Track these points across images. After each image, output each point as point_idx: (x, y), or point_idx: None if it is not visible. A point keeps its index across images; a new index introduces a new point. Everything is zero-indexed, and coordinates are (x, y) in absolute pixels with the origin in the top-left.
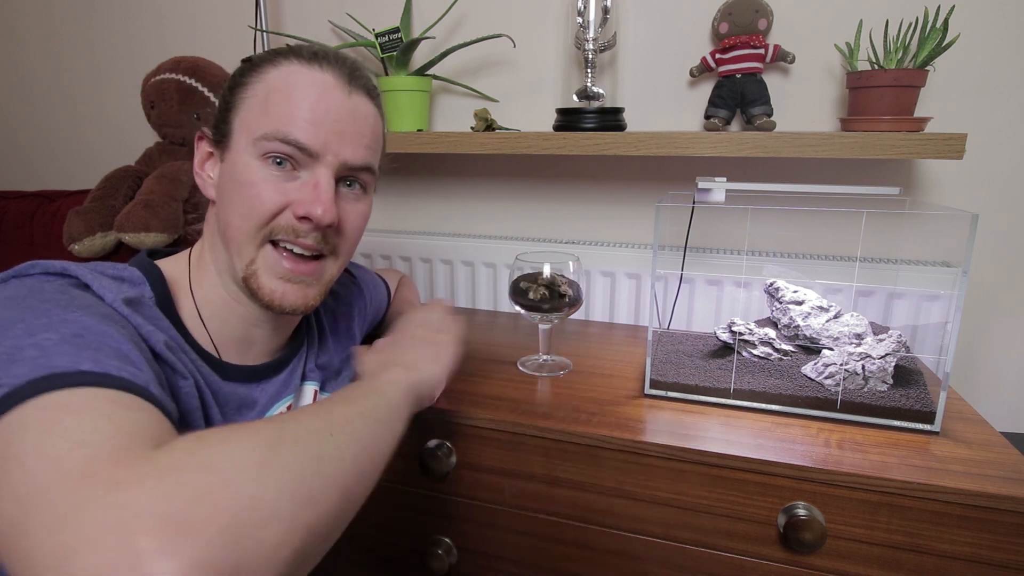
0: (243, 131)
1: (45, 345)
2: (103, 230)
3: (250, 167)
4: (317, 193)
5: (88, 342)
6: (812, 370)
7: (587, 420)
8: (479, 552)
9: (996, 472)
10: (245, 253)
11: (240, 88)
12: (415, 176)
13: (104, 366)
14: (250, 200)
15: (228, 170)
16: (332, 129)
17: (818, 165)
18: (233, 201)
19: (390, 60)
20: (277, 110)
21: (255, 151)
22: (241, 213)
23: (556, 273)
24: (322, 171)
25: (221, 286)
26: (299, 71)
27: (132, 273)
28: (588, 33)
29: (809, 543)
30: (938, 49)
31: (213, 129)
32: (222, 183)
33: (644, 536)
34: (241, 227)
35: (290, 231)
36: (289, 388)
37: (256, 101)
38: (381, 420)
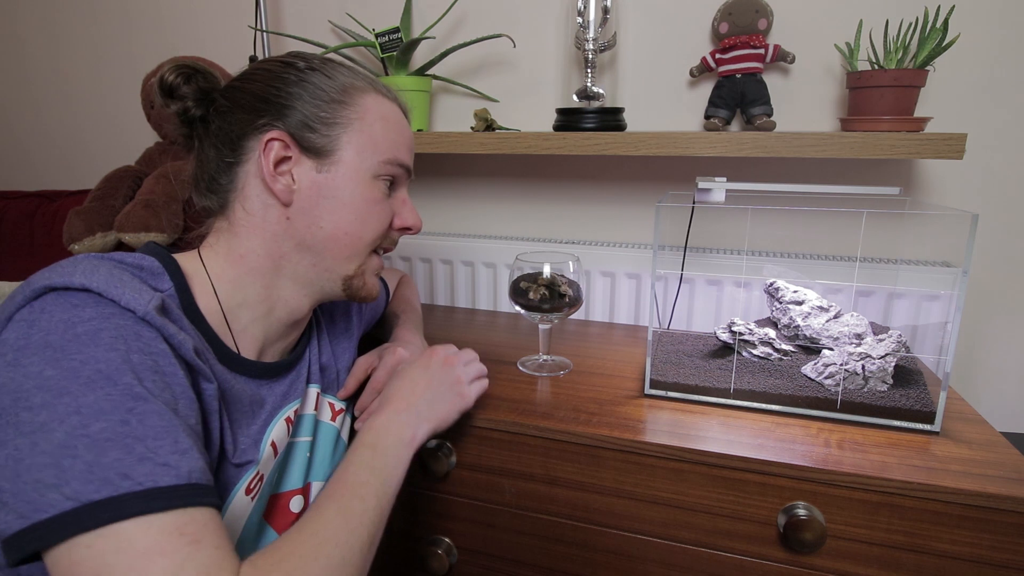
0: (357, 151)
1: (97, 440)
2: (103, 230)
3: (372, 186)
4: (410, 208)
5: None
6: (812, 370)
7: (587, 420)
8: (479, 552)
9: (996, 472)
10: (358, 258)
11: (340, 106)
12: (415, 176)
13: (157, 475)
14: (372, 215)
15: (338, 183)
16: (413, 153)
17: (818, 165)
18: (351, 212)
19: (390, 60)
20: (391, 138)
21: (374, 171)
22: (364, 226)
23: (556, 273)
24: (405, 188)
25: (264, 286)
26: (389, 105)
27: (151, 263)
28: (588, 33)
29: (809, 543)
30: (938, 49)
31: (300, 134)
32: (325, 193)
33: (644, 536)
34: (361, 237)
35: (392, 242)
36: (296, 390)
37: (367, 126)
38: (391, 480)
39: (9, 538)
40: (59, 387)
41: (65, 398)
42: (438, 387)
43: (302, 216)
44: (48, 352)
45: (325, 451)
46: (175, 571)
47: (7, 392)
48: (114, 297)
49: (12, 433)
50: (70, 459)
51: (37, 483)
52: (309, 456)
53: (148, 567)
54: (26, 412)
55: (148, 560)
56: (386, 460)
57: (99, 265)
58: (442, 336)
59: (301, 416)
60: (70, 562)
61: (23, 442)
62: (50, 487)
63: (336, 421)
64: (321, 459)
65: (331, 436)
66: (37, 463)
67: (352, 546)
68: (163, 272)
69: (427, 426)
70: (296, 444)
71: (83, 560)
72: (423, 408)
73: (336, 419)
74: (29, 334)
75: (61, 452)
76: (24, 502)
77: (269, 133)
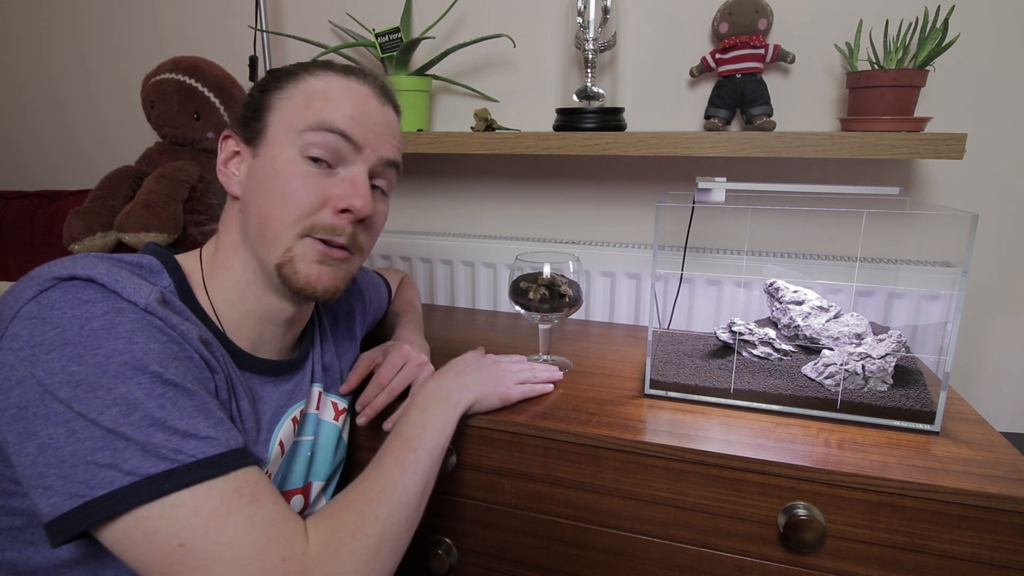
0: (283, 126)
1: (140, 426)
2: (103, 230)
3: (292, 161)
4: (355, 187)
5: (173, 415)
6: (812, 370)
7: (587, 420)
8: (479, 552)
9: (996, 472)
10: (282, 243)
11: (276, 91)
12: (415, 176)
13: (204, 447)
14: (291, 193)
15: (264, 165)
16: (370, 128)
17: (818, 165)
18: (273, 193)
19: (390, 60)
20: (320, 106)
21: (297, 144)
22: (281, 206)
23: (556, 273)
24: (359, 167)
25: (243, 283)
26: (337, 80)
27: (150, 261)
28: (588, 33)
29: (809, 543)
30: (938, 49)
31: (241, 127)
32: (255, 177)
33: (644, 536)
34: (280, 218)
35: (329, 230)
36: (302, 390)
37: (296, 101)
38: (439, 436)
39: (58, 518)
40: (89, 382)
41: (99, 392)
42: (484, 372)
43: (245, 206)
44: (68, 348)
45: (327, 450)
46: (247, 526)
47: (29, 386)
48: (118, 289)
49: (42, 424)
50: (122, 441)
51: (89, 464)
52: (311, 455)
53: (222, 526)
54: (55, 404)
55: (220, 520)
56: (434, 418)
57: (98, 262)
58: (443, 336)
59: (306, 415)
60: (143, 532)
61: (58, 431)
62: (105, 467)
63: (339, 421)
64: (323, 459)
65: (333, 435)
66: (85, 447)
67: (408, 490)
68: (162, 270)
69: (469, 395)
70: (300, 443)
71: (159, 528)
72: (468, 381)
73: (339, 419)
74: (43, 331)
75: (111, 437)
76: (76, 482)
77: (225, 131)
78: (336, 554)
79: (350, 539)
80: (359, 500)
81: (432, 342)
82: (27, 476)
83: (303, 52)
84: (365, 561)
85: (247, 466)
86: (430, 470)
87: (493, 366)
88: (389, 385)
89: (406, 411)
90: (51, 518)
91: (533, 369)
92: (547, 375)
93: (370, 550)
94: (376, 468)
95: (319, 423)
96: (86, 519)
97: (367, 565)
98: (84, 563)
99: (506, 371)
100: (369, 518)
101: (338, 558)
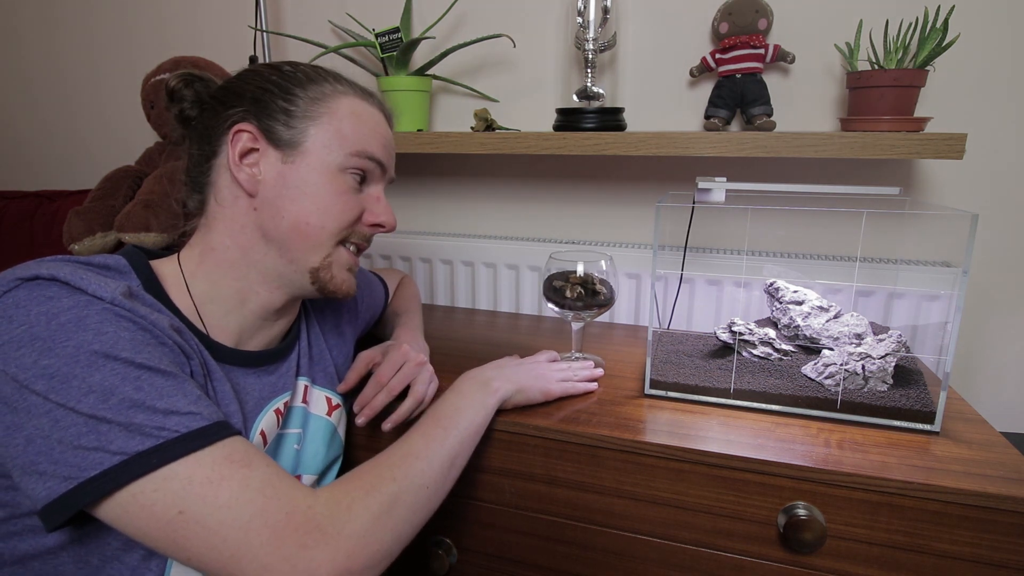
0: (324, 143)
1: (121, 409)
2: (103, 230)
3: (335, 177)
4: (383, 205)
5: (151, 395)
6: (812, 370)
7: (587, 420)
8: (479, 552)
9: (996, 472)
10: (323, 249)
11: (312, 102)
12: (415, 176)
13: (187, 422)
14: (335, 206)
15: (302, 174)
16: (389, 152)
17: (818, 165)
18: (314, 203)
19: (390, 60)
20: (361, 132)
21: (341, 163)
22: (326, 215)
23: (589, 273)
24: (380, 186)
25: (242, 277)
26: (363, 105)
27: (117, 261)
28: (588, 33)
29: (809, 543)
30: (938, 49)
31: (267, 126)
32: (290, 183)
33: (644, 536)
34: (325, 227)
35: (362, 238)
36: (286, 383)
37: (334, 119)
38: (474, 418)
39: (54, 502)
40: (63, 373)
41: (74, 382)
42: (525, 368)
43: (267, 207)
44: (37, 344)
45: (317, 444)
46: (243, 487)
47: (3, 383)
48: (82, 286)
49: (25, 416)
50: (105, 425)
51: (77, 449)
52: (297, 449)
53: (218, 491)
54: (33, 396)
55: (215, 486)
56: (470, 402)
57: (62, 263)
58: (443, 336)
59: (291, 408)
60: (140, 506)
61: (43, 422)
62: (92, 450)
63: (332, 416)
64: (313, 452)
65: (324, 430)
66: (71, 433)
67: (431, 460)
68: (129, 270)
69: (510, 385)
70: (285, 436)
71: (156, 500)
72: (509, 373)
73: (332, 414)
74: (10, 329)
75: (93, 422)
76: (67, 466)
77: (237, 125)
78: (348, 509)
79: (363, 496)
80: (378, 465)
81: (433, 342)
82: (19, 466)
83: (303, 52)
84: (376, 516)
85: (233, 435)
86: (459, 447)
87: (533, 365)
88: (388, 384)
89: (444, 395)
90: (47, 502)
91: (572, 368)
92: (587, 374)
93: (383, 506)
94: (402, 440)
95: (307, 416)
96: (81, 499)
97: (378, 520)
98: (69, 548)
99: (547, 369)
100: (386, 479)
101: (349, 512)
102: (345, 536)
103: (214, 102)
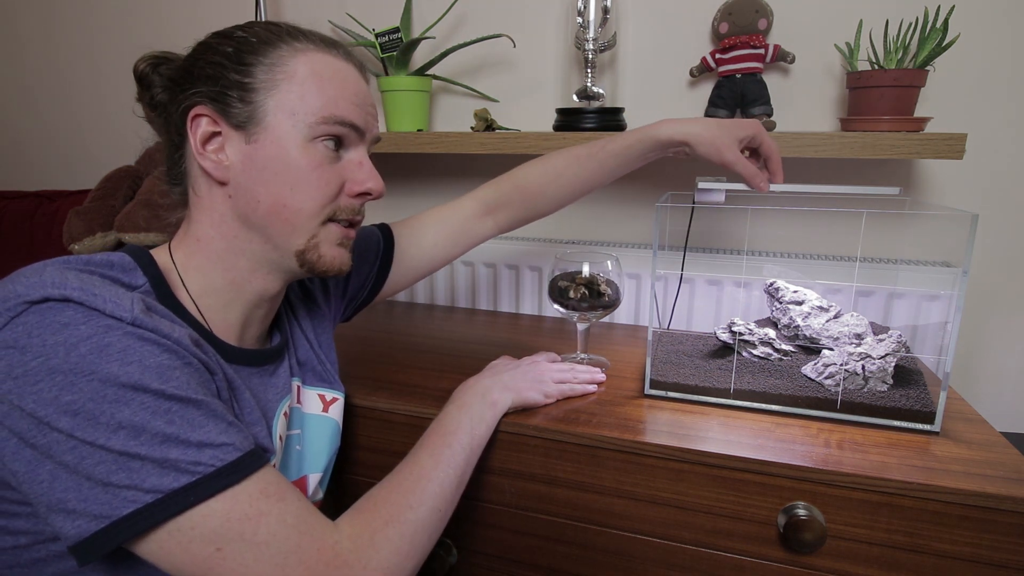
0: (286, 114)
1: (153, 445)
2: (103, 230)
3: (304, 150)
4: (366, 170)
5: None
6: (812, 370)
7: (587, 420)
8: (479, 552)
9: (996, 472)
10: (307, 230)
11: (261, 68)
12: (415, 176)
13: (222, 454)
14: (314, 182)
15: (268, 152)
16: (366, 111)
17: (818, 165)
18: (287, 183)
19: (390, 60)
20: (326, 94)
21: (308, 134)
22: (304, 195)
23: (595, 273)
24: (361, 149)
25: (229, 267)
26: (326, 59)
27: (121, 259)
28: (588, 33)
29: (809, 543)
30: (938, 49)
31: (220, 106)
32: (258, 165)
33: (644, 536)
34: (303, 208)
35: (350, 211)
36: (287, 386)
37: (295, 84)
38: (476, 433)
39: (86, 540)
40: (88, 410)
41: (102, 419)
42: (522, 372)
43: (242, 193)
44: (58, 378)
45: (322, 443)
46: (280, 524)
47: (19, 419)
48: (98, 306)
49: (46, 453)
50: (137, 462)
51: (108, 486)
52: (299, 449)
53: (256, 527)
54: (55, 434)
55: (253, 522)
56: (471, 415)
57: (66, 272)
58: (444, 336)
59: (292, 409)
60: (177, 543)
61: (68, 458)
62: (124, 488)
63: (331, 412)
64: (317, 451)
65: (326, 427)
66: (100, 471)
67: (443, 482)
68: (136, 268)
69: (508, 395)
70: (289, 437)
71: (194, 539)
72: (507, 380)
73: (329, 410)
74: (23, 361)
75: (124, 459)
76: (99, 504)
77: (194, 109)
78: (371, 541)
79: (384, 527)
80: (393, 491)
81: (433, 342)
82: (45, 503)
83: None
84: (399, 548)
85: (265, 466)
86: (465, 465)
87: (531, 366)
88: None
89: (446, 407)
90: (78, 540)
91: (573, 370)
92: (588, 376)
93: (405, 537)
94: (411, 461)
95: (303, 416)
96: (115, 538)
97: (401, 552)
98: (97, 573)
99: (545, 371)
100: (403, 507)
101: (373, 545)
102: (372, 570)
103: (172, 84)
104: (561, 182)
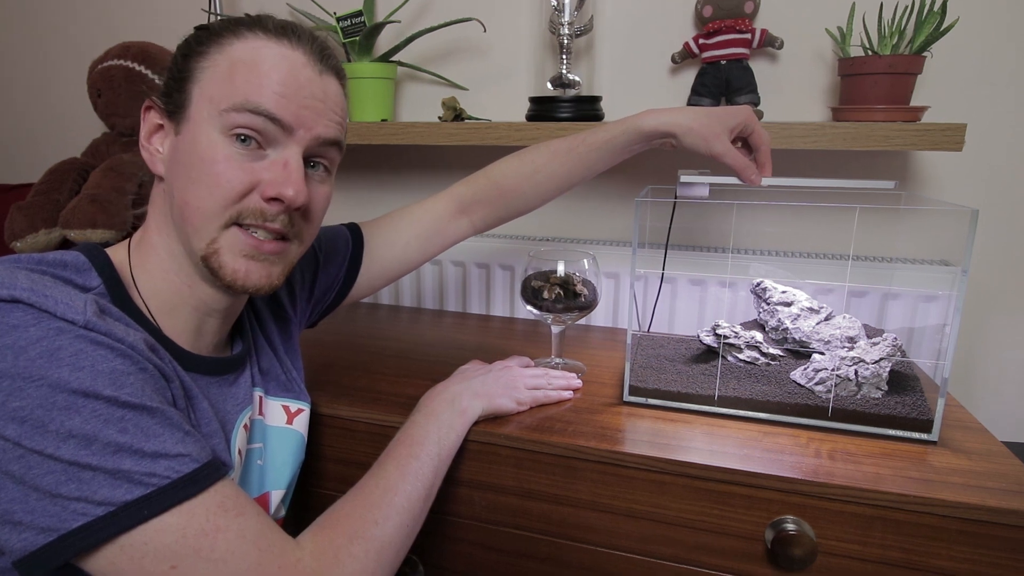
0: (204, 102)
1: (105, 454)
2: (47, 226)
3: (214, 143)
4: (287, 173)
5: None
6: (802, 376)
7: (562, 429)
8: (447, 569)
9: (997, 484)
10: (206, 233)
11: (198, 56)
12: (379, 169)
13: (177, 465)
14: (214, 178)
15: (186, 144)
16: (304, 104)
17: (808, 157)
18: (193, 178)
19: (352, 45)
20: (245, 80)
21: (220, 125)
22: (203, 192)
23: (570, 272)
24: (292, 149)
25: (173, 271)
26: (267, 45)
27: (75, 258)
28: (563, 17)
29: (799, 559)
30: (936, 34)
31: (164, 98)
32: (177, 158)
33: (622, 552)
34: (202, 207)
35: (258, 214)
36: (248, 396)
37: (219, 71)
38: (444, 442)
39: (32, 554)
40: (36, 417)
41: (51, 426)
42: (493, 377)
43: (169, 188)
44: (4, 383)
45: (285, 456)
46: (239, 540)
47: None
48: (49, 308)
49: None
50: (88, 472)
51: (56, 498)
52: (260, 464)
53: (213, 544)
54: (2, 442)
55: (210, 538)
56: (439, 424)
57: (16, 271)
58: (409, 340)
59: (253, 421)
60: (129, 559)
61: (15, 467)
62: (74, 499)
63: (295, 424)
64: (280, 464)
65: (290, 440)
66: (48, 481)
67: (410, 495)
68: (89, 268)
69: (479, 402)
70: (251, 451)
71: (147, 554)
72: (476, 387)
73: (294, 421)
74: None
75: (73, 469)
76: (46, 516)
77: (147, 101)
78: (335, 559)
79: (348, 543)
80: (358, 506)
81: (398, 345)
82: None
83: None
84: (364, 565)
85: (223, 479)
86: (434, 477)
87: (503, 371)
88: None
89: (413, 416)
90: (23, 554)
91: (547, 375)
92: (563, 383)
93: (370, 554)
94: (377, 473)
95: (265, 429)
96: (63, 553)
97: (367, 570)
98: None
99: (517, 376)
100: (368, 523)
101: (337, 563)
102: None
103: None
104: (539, 178)
